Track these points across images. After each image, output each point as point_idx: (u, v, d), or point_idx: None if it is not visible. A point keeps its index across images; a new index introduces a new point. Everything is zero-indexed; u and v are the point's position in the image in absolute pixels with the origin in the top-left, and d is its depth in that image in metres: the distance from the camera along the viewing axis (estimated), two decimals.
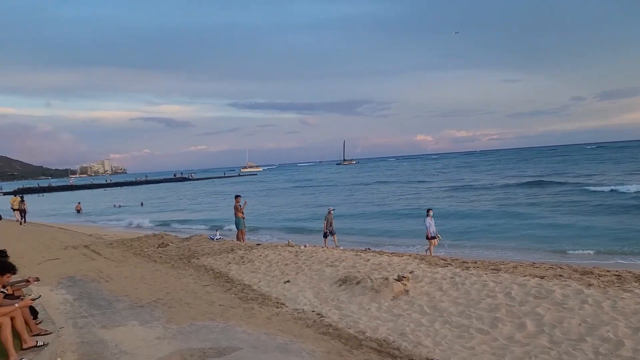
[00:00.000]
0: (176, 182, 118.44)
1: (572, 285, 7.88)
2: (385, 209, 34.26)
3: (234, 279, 10.75)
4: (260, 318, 7.75)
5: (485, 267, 10.15)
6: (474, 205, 32.21)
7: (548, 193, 36.50)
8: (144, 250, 15.67)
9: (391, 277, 8.98)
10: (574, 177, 48.85)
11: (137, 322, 7.82)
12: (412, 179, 68.78)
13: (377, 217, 30.35)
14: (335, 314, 7.83)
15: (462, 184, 52.88)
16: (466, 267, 10.09)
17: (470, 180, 57.95)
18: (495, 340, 6.21)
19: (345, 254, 12.26)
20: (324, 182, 79.61)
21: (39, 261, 14.56)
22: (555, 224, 22.79)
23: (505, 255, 16.02)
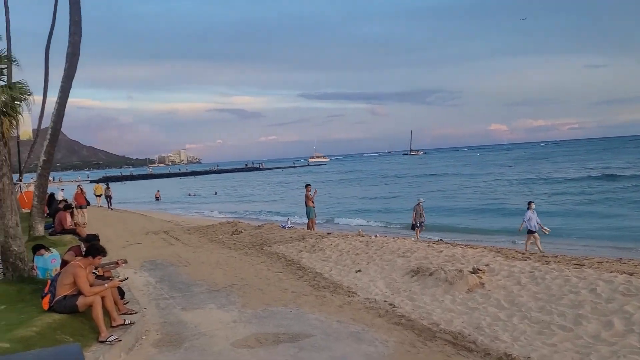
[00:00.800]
0: (247, 172, 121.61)
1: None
2: (457, 203, 32.86)
3: (305, 266, 10.90)
4: (332, 306, 7.81)
5: (567, 262, 9.67)
6: (553, 200, 30.50)
7: (629, 186, 33.99)
8: (218, 237, 16.23)
9: (465, 269, 8.76)
10: None
11: (214, 305, 8.12)
12: (483, 171, 65.43)
13: (449, 212, 29.04)
14: (407, 304, 7.75)
15: (539, 175, 50.02)
16: (546, 261, 9.65)
17: (548, 171, 54.71)
18: (579, 338, 5.90)
19: (417, 244, 12.10)
20: (391, 173, 77.87)
21: (124, 245, 15.46)
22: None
23: (588, 251, 15.15)
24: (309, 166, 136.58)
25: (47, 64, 28.30)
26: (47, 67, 28.33)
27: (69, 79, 14.75)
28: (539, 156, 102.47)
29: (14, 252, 7.93)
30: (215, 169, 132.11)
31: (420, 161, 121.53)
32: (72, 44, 14.49)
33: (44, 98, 30.29)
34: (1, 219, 7.98)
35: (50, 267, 8.55)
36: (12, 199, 8.15)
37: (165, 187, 67.67)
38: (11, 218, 8.00)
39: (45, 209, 16.25)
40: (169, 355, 5.97)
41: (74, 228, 15.77)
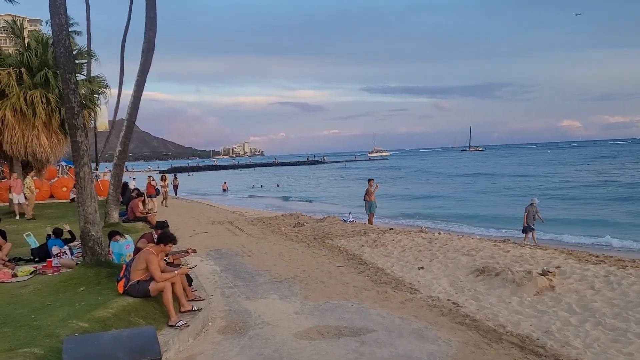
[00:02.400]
0: (309, 165, 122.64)
1: None
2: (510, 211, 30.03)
3: (367, 261, 10.87)
4: (394, 302, 7.75)
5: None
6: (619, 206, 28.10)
7: None
8: (281, 229, 16.50)
9: (534, 270, 8.43)
10: None
11: (277, 295, 8.27)
12: (548, 172, 58.77)
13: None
14: (472, 304, 7.57)
15: (612, 177, 45.71)
16: (622, 265, 9.12)
17: (621, 174, 50.09)
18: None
19: (482, 243, 11.77)
20: (443, 171, 73.73)
21: (191, 234, 16.05)
22: None
23: None
24: (372, 160, 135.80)
25: (122, 59, 29.78)
26: (123, 62, 29.80)
27: (143, 74, 15.42)
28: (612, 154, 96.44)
29: (93, 237, 8.41)
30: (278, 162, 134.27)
31: (476, 158, 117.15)
32: (147, 40, 15.11)
33: (119, 91, 31.90)
34: (82, 206, 8.47)
35: (125, 253, 9.02)
36: (91, 187, 8.63)
37: (231, 179, 69.43)
38: (90, 205, 8.48)
39: (120, 197, 17.12)
40: (234, 342, 6.15)
41: (145, 215, 16.55)
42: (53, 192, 27.68)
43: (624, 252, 14.78)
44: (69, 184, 26.81)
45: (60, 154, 22.24)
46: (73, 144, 8.63)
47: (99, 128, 33.19)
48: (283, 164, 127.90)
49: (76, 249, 9.61)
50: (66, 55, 8.50)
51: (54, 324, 5.57)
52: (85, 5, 31.13)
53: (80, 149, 8.53)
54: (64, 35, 8.50)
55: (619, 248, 15.82)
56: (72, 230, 10.70)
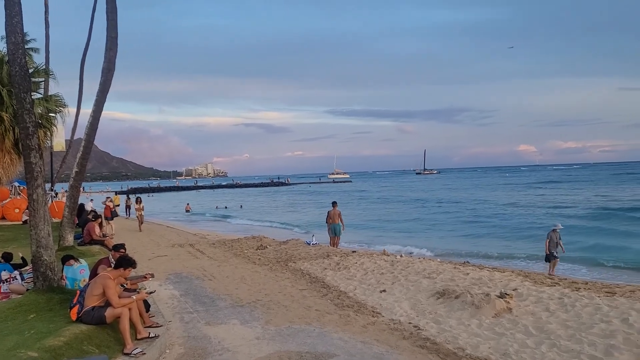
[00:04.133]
0: (273, 187, 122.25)
1: None
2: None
3: (329, 284, 10.85)
4: (356, 326, 7.74)
5: (598, 289, 9.43)
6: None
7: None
8: (243, 252, 16.31)
9: (493, 293, 8.60)
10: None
11: (238, 321, 8.13)
12: (494, 199, 54.45)
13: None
14: (432, 327, 7.63)
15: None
16: (576, 287, 9.42)
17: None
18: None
19: (443, 266, 11.94)
20: (383, 195, 72.89)
21: (150, 257, 15.67)
22: None
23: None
24: (334, 183, 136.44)
25: (81, 77, 29.13)
26: (82, 80, 29.14)
27: (103, 93, 15.16)
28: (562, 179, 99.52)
29: (45, 262, 8.11)
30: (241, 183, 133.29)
31: (430, 182, 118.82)
32: (107, 59, 14.90)
33: (78, 110, 31.09)
34: (34, 229, 8.18)
35: (79, 278, 8.73)
36: (45, 210, 8.36)
37: (194, 200, 68.39)
38: (44, 228, 8.20)
39: (75, 219, 16.61)
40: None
41: (102, 239, 16.08)
42: (5, 213, 26.68)
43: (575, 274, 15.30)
44: (22, 205, 25.85)
45: (13, 175, 21.41)
46: (27, 165, 8.36)
47: (55, 148, 32.16)
48: (247, 186, 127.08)
49: (27, 274, 9.25)
50: (21, 74, 8.29)
51: (1, 354, 5.31)
52: (44, 22, 30.49)
53: (34, 171, 8.27)
54: (19, 54, 8.29)
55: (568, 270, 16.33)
56: (24, 257, 10.30)
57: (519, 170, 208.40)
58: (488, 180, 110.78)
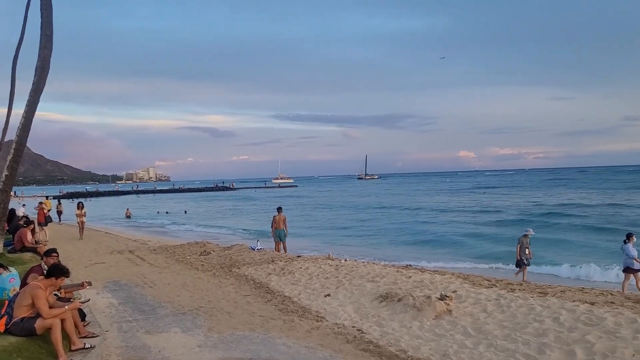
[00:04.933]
0: (217, 191, 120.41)
1: (625, 314, 7.54)
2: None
3: (274, 290, 10.78)
4: (300, 331, 7.73)
5: (532, 289, 9.85)
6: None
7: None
8: (186, 258, 15.95)
9: (433, 295, 8.81)
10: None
11: (179, 329, 7.94)
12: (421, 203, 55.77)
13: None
14: (376, 330, 7.73)
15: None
16: (511, 289, 9.81)
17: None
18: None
19: (386, 269, 12.14)
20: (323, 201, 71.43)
21: (87, 264, 15.03)
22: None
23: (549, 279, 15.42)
24: (280, 188, 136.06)
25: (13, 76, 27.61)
26: (14, 79, 27.61)
27: (37, 93, 14.43)
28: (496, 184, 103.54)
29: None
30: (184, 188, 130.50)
31: (371, 187, 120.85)
32: (41, 58, 14.21)
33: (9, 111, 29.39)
34: None
35: (8, 287, 8.23)
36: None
37: (134, 205, 66.29)
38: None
39: (5, 225, 15.69)
40: None
41: (35, 246, 15.28)
42: None
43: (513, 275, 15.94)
44: None
45: None
46: None
47: None
48: (191, 190, 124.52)
49: None
50: None
51: None
52: None
53: None
54: None
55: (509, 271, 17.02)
56: None
57: (457, 175, 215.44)
58: (427, 186, 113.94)
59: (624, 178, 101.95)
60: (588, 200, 47.47)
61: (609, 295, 9.67)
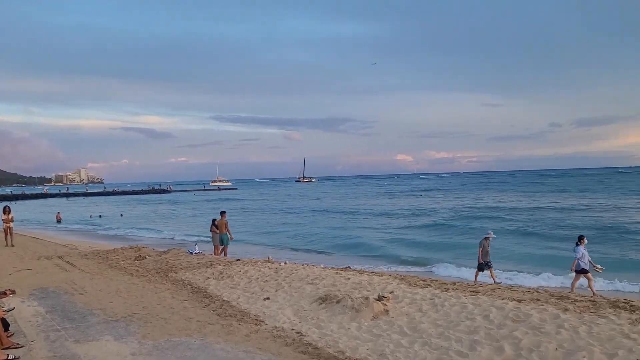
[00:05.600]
0: (154, 194, 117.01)
1: (549, 310, 7.97)
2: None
3: (212, 294, 10.61)
4: (238, 335, 7.65)
5: (464, 289, 10.22)
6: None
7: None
8: (120, 263, 15.40)
9: (371, 296, 8.97)
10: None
11: (111, 336, 7.64)
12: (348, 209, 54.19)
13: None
14: (314, 332, 7.77)
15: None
16: (445, 288, 10.14)
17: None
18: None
19: (325, 272, 12.23)
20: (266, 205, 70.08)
21: (11, 271, 14.19)
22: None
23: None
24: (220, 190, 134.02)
25: None
26: None
27: None
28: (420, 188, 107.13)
29: None
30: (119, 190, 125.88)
31: (308, 190, 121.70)
32: None
33: None
34: None
35: None
36: None
37: (65, 209, 63.20)
38: None
39: None
40: None
41: None
42: None
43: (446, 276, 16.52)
44: None
45: None
46: None
47: None
48: (125, 193, 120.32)
49: None
50: None
51: None
52: None
53: None
54: None
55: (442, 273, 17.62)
56: None
57: (394, 178, 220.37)
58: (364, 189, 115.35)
59: (549, 182, 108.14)
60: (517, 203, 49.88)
61: (535, 292, 10.19)
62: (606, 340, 6.49)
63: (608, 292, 12.96)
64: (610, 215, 35.19)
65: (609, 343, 6.37)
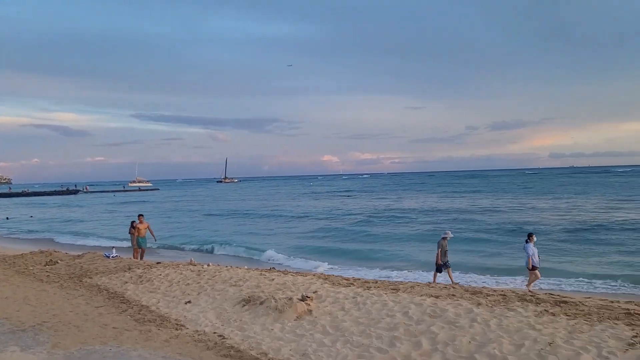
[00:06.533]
0: (68, 195, 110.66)
1: (464, 305, 8.38)
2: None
3: (130, 299, 10.20)
4: (157, 341, 7.40)
5: (386, 287, 10.50)
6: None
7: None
8: (28, 269, 14.42)
9: (295, 297, 9.00)
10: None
11: (17, 347, 7.13)
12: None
13: None
14: (237, 335, 7.68)
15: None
16: (367, 287, 10.37)
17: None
18: (393, 359, 6.41)
19: (249, 273, 12.12)
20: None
21: None
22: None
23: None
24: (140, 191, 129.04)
25: None
26: None
27: None
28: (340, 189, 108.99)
29: None
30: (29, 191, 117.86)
31: (229, 190, 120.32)
32: None
33: None
34: None
35: None
36: None
37: None
38: None
39: None
40: None
41: None
42: None
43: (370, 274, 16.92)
44: None
45: None
46: None
47: None
48: (36, 194, 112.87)
49: None
50: None
51: None
52: None
53: None
54: None
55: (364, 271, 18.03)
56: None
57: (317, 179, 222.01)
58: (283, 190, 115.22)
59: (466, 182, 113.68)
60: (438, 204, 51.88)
61: (451, 288, 10.66)
62: (514, 331, 6.91)
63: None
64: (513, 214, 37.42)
65: (517, 334, 6.79)
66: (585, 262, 18.97)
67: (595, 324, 7.15)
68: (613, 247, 21.84)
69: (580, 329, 6.95)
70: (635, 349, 6.04)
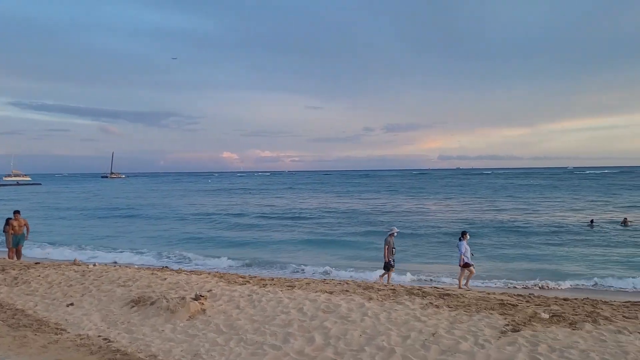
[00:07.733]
0: None
1: (356, 300, 8.66)
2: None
3: (3, 303, 9.32)
4: (34, 347, 6.83)
5: (282, 284, 10.56)
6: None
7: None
8: None
9: (188, 296, 8.76)
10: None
11: None
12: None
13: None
14: (125, 337, 7.31)
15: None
16: (263, 284, 10.36)
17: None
18: (286, 355, 6.46)
19: (140, 273, 11.58)
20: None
21: None
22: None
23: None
24: (19, 185, 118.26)
25: None
26: None
27: None
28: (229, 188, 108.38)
29: None
30: None
31: (113, 186, 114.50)
32: None
33: None
34: None
35: None
36: None
37: None
38: None
39: None
40: None
41: None
42: None
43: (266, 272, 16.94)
44: None
45: None
46: None
47: None
48: None
49: None
50: None
51: None
52: None
53: None
54: None
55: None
56: None
57: (214, 176, 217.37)
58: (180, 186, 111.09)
59: (360, 181, 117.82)
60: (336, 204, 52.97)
61: (345, 284, 10.97)
62: (402, 324, 7.28)
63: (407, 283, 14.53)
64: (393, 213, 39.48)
65: (404, 326, 7.16)
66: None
67: (473, 314, 7.73)
68: (488, 245, 23.73)
69: (460, 319, 7.49)
70: (506, 336, 6.63)
